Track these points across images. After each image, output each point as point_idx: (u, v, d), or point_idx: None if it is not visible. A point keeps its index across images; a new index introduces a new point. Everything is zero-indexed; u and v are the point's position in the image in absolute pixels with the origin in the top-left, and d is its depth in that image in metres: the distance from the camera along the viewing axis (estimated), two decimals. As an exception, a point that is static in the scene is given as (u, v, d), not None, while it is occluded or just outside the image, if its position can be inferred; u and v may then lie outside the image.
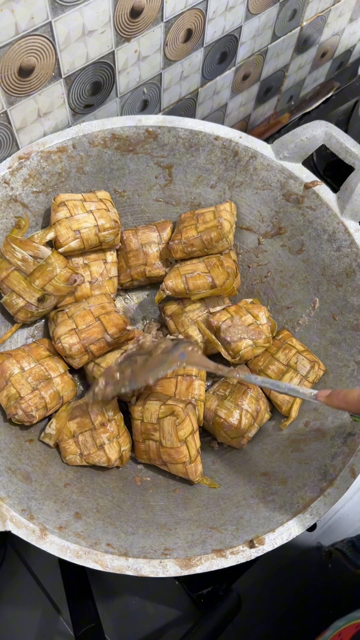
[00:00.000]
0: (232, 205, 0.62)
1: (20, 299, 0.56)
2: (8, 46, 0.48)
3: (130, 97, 0.64)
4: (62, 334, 0.56)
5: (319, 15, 0.78)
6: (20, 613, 0.59)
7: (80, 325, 0.56)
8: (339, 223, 0.57)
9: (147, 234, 0.64)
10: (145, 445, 0.55)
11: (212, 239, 0.59)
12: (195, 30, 0.63)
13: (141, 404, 0.55)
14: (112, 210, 0.60)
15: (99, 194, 0.61)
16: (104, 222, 0.59)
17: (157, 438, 0.54)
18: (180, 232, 0.61)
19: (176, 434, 0.52)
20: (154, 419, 0.54)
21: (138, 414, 0.55)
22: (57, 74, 0.55)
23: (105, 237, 0.60)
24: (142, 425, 0.54)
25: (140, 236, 0.64)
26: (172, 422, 0.53)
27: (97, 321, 0.57)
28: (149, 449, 0.55)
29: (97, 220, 0.58)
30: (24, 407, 0.53)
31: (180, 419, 0.52)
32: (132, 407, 0.55)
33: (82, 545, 0.45)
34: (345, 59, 0.94)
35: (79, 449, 0.54)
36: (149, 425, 0.54)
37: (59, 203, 0.58)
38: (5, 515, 0.45)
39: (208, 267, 0.60)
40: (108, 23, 0.54)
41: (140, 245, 0.64)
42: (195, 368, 0.57)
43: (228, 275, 0.60)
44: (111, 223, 0.59)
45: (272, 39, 0.75)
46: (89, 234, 0.58)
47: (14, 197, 0.58)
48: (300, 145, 0.58)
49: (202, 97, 0.74)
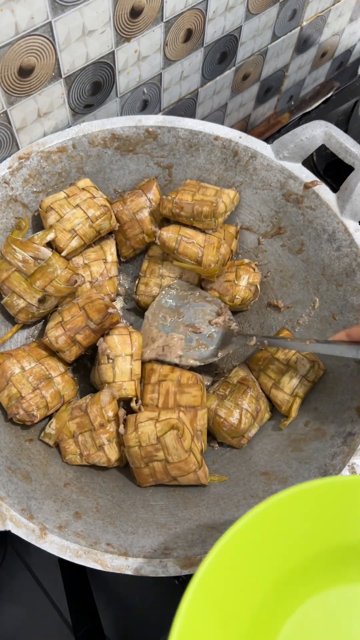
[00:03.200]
0: (235, 194, 0.61)
1: (21, 300, 0.56)
2: (8, 46, 0.48)
3: (130, 97, 0.65)
4: (49, 328, 0.56)
5: (319, 15, 0.78)
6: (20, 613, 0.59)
7: (66, 317, 0.56)
8: (338, 223, 0.57)
9: (135, 200, 0.63)
10: (150, 469, 0.53)
11: (202, 213, 0.58)
12: (195, 30, 0.63)
13: (132, 430, 0.52)
14: (97, 195, 0.60)
15: (80, 184, 0.60)
16: (94, 211, 0.58)
17: (162, 457, 0.52)
18: (176, 192, 0.60)
19: (182, 446, 0.51)
20: (152, 439, 0.51)
21: (134, 441, 0.52)
22: (57, 74, 0.55)
23: (100, 225, 0.59)
24: (142, 449, 0.52)
25: (130, 205, 0.63)
26: (175, 436, 0.51)
27: (81, 310, 0.56)
28: (155, 471, 0.53)
29: (86, 212, 0.58)
30: (25, 407, 0.53)
31: (181, 430, 0.51)
32: (125, 436, 0.53)
33: (81, 545, 0.45)
34: (345, 59, 0.94)
35: (78, 449, 0.54)
36: (149, 448, 0.52)
37: (46, 209, 0.58)
38: (5, 514, 0.45)
39: (205, 243, 0.60)
40: (108, 23, 0.54)
41: (133, 214, 0.63)
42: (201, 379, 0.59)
43: (217, 261, 0.59)
44: (101, 210, 0.59)
45: (272, 39, 0.75)
46: (84, 229, 0.58)
47: (14, 197, 0.58)
48: (300, 145, 0.58)
49: (202, 97, 0.74)
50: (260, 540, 0.38)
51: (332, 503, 0.39)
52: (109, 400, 0.54)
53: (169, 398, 0.56)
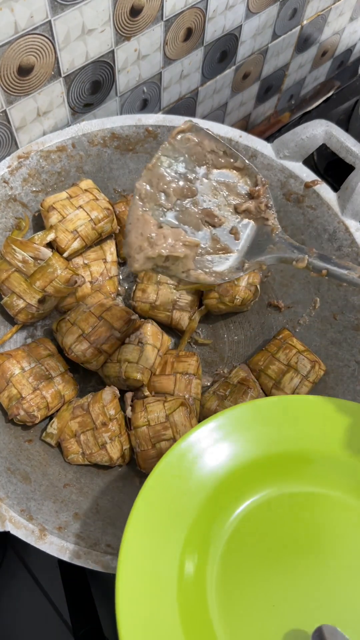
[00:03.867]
0: None
1: (20, 301, 0.56)
2: (7, 45, 0.48)
3: (130, 96, 0.64)
4: (72, 343, 0.56)
5: (319, 14, 0.78)
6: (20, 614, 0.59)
7: (87, 329, 0.56)
8: (339, 222, 0.57)
9: None
10: (157, 450, 0.53)
11: None
12: (195, 29, 0.62)
13: (140, 409, 0.54)
14: (100, 197, 0.60)
15: (82, 185, 0.60)
16: (97, 213, 0.58)
17: (170, 435, 0.52)
18: None
19: (190, 424, 0.52)
20: (161, 418, 0.53)
21: (142, 420, 0.53)
22: (57, 73, 0.54)
23: (102, 228, 0.59)
24: (150, 429, 0.53)
25: None
26: (184, 413, 0.52)
27: (100, 320, 0.56)
28: (161, 452, 0.53)
29: (89, 214, 0.58)
30: (25, 408, 0.53)
31: (190, 409, 0.52)
32: (133, 416, 0.54)
33: (81, 546, 0.45)
34: (346, 58, 0.94)
35: (80, 449, 0.54)
36: (158, 427, 0.53)
37: (48, 208, 0.58)
38: (4, 515, 0.45)
39: None
40: (108, 22, 0.54)
41: None
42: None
43: None
44: (104, 212, 0.59)
45: (273, 38, 0.74)
46: (86, 231, 0.58)
47: (13, 197, 0.58)
48: (300, 144, 0.58)
49: (202, 96, 0.74)
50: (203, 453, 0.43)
51: (264, 420, 0.45)
52: (110, 398, 0.54)
53: (166, 367, 0.58)
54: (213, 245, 0.39)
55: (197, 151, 0.39)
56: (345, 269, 0.38)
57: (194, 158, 0.39)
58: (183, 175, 0.39)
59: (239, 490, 0.44)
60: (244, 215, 0.40)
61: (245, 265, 0.40)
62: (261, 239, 0.40)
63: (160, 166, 0.39)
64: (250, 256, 0.40)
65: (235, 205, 0.40)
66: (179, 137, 0.38)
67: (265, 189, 0.40)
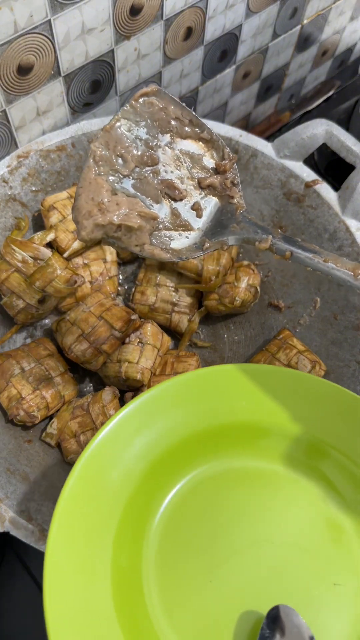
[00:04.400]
0: None
1: (20, 301, 0.56)
2: (7, 44, 0.48)
3: (130, 96, 0.64)
4: (72, 343, 0.56)
5: (319, 14, 0.78)
6: (20, 615, 0.59)
7: (86, 330, 0.56)
8: (340, 222, 0.57)
9: None
10: None
11: None
12: (195, 28, 0.62)
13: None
14: None
15: None
16: None
17: None
18: None
19: None
20: None
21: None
22: (57, 72, 0.54)
23: None
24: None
25: None
26: None
27: (100, 320, 0.56)
28: None
29: None
30: (25, 408, 0.53)
31: None
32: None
33: (81, 547, 0.45)
34: (346, 57, 0.94)
35: (80, 449, 0.54)
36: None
37: (48, 207, 0.57)
38: (4, 516, 0.45)
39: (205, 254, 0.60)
40: (107, 21, 0.54)
41: None
42: None
43: (217, 273, 0.59)
44: None
45: (273, 37, 0.74)
46: None
47: (12, 196, 0.58)
48: (301, 143, 0.58)
49: (202, 96, 0.74)
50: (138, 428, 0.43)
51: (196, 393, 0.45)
52: (110, 398, 0.54)
53: (166, 367, 0.58)
54: (172, 221, 0.36)
55: (161, 117, 0.36)
56: (310, 252, 0.36)
57: (157, 124, 0.36)
58: (144, 141, 0.36)
59: (175, 469, 0.44)
60: (208, 191, 0.37)
61: (206, 245, 0.37)
62: (224, 217, 0.37)
63: (119, 128, 0.35)
64: (212, 235, 0.37)
65: (199, 179, 0.37)
66: (142, 101, 0.36)
67: (232, 164, 0.37)
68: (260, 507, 0.43)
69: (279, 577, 0.41)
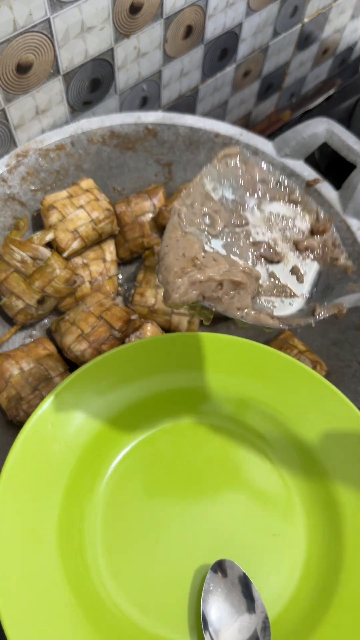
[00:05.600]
0: None
1: (19, 301, 0.56)
2: (6, 43, 0.48)
3: (130, 94, 0.64)
4: (71, 343, 0.56)
5: (320, 12, 0.77)
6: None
7: (86, 329, 0.56)
8: (340, 221, 0.57)
9: (140, 204, 0.62)
10: None
11: None
12: (195, 26, 0.62)
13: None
14: (101, 198, 0.59)
15: (83, 185, 0.59)
16: (98, 214, 0.58)
17: None
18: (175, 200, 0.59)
19: None
20: None
21: None
22: (56, 70, 0.54)
23: (103, 229, 0.59)
24: None
25: (134, 207, 0.62)
26: None
27: (100, 320, 0.56)
28: None
29: (90, 214, 0.58)
30: (25, 408, 0.53)
31: None
32: None
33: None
34: (347, 56, 0.94)
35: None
36: None
37: (48, 207, 0.57)
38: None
39: None
40: (107, 19, 0.53)
41: (135, 217, 0.62)
42: None
43: None
44: (105, 213, 0.58)
45: (273, 36, 0.74)
46: (87, 231, 0.58)
47: (11, 196, 0.57)
48: (301, 142, 0.57)
49: (203, 94, 0.73)
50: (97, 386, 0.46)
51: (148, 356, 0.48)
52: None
53: None
54: (271, 285, 0.32)
55: (247, 179, 0.34)
56: None
57: (242, 185, 0.34)
58: (230, 201, 0.33)
59: (119, 437, 0.46)
60: (306, 254, 0.34)
61: (318, 310, 0.32)
62: (331, 279, 0.33)
63: (204, 187, 0.33)
64: (322, 299, 0.33)
65: (295, 241, 0.33)
66: (225, 161, 0.34)
67: (330, 225, 0.35)
68: (200, 466, 0.46)
69: (223, 532, 0.43)
